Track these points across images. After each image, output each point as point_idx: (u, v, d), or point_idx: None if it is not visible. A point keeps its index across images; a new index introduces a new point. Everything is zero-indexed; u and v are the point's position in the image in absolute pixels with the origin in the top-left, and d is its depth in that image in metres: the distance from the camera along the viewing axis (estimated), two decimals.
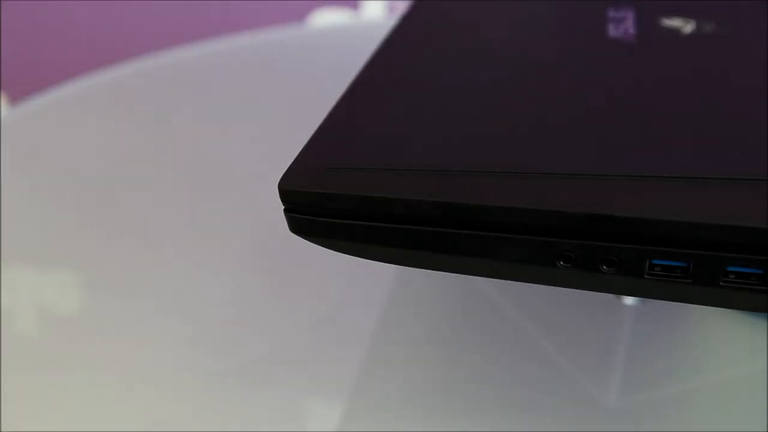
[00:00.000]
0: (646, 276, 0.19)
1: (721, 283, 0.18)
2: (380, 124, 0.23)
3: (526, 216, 0.19)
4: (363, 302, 0.31)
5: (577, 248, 0.19)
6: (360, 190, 0.20)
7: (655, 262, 0.19)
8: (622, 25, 0.28)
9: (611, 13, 0.29)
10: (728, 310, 0.30)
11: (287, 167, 0.21)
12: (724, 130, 0.21)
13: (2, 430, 0.25)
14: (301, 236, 0.21)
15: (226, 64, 0.52)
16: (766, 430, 0.25)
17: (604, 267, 0.19)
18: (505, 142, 0.21)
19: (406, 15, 0.33)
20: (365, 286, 0.32)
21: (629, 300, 0.29)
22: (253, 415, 0.26)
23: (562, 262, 0.19)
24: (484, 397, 0.26)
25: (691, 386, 0.27)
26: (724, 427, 0.26)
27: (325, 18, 0.81)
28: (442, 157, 0.20)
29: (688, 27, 0.28)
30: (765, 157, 0.19)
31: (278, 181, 0.21)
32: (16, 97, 0.84)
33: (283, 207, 0.21)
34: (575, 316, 0.30)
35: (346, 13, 0.82)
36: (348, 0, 0.81)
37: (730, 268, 0.18)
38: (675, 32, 0.27)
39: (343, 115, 0.23)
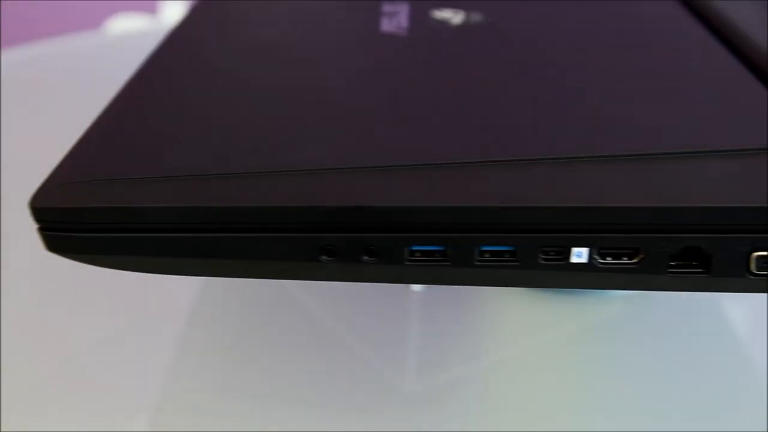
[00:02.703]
0: (407, 262, 0.19)
1: (476, 263, 0.19)
2: (137, 133, 0.22)
3: (281, 214, 0.18)
4: (166, 309, 0.30)
5: (337, 241, 0.19)
6: (109, 202, 0.19)
7: (414, 248, 0.19)
8: (395, 19, 0.29)
9: (385, 8, 0.30)
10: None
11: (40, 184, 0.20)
12: (463, 119, 0.22)
13: None
14: (58, 254, 0.20)
15: (18, 74, 0.49)
16: (561, 398, 0.27)
17: (366, 257, 0.19)
18: (261, 142, 0.21)
19: (184, 18, 0.32)
20: (168, 293, 0.31)
21: (417, 287, 0.29)
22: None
23: (324, 257, 0.19)
24: (286, 393, 0.27)
25: (486, 363, 0.28)
26: (523, 400, 0.27)
27: (123, 24, 0.78)
28: (197, 162, 0.20)
29: (457, 18, 0.29)
30: (500, 140, 0.20)
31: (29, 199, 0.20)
32: None
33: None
34: (371, 306, 0.30)
35: (144, 17, 0.79)
36: (146, 0, 0.79)
37: (484, 248, 0.19)
38: (444, 23, 0.28)
39: (101, 127, 0.22)
